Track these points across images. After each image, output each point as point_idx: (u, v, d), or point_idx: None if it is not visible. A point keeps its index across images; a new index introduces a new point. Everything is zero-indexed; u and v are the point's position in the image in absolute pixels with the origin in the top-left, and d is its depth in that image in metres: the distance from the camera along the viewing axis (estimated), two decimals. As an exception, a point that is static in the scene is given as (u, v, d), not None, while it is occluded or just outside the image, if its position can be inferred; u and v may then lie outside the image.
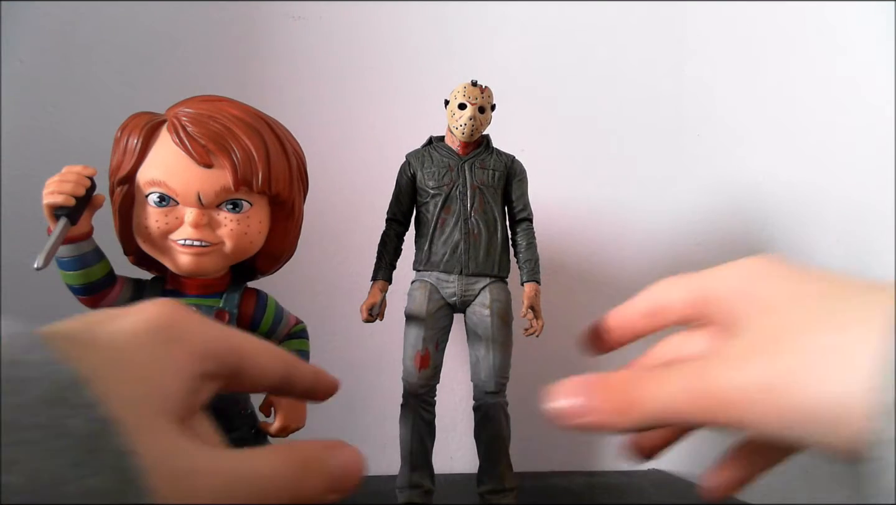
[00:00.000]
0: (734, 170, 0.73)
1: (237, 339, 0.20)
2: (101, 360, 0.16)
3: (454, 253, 0.48)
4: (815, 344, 0.16)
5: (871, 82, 0.74)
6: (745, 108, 0.74)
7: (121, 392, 0.16)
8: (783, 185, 0.73)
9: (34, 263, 0.34)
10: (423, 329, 0.48)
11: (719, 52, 0.74)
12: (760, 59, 0.74)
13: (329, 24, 0.68)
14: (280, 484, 0.18)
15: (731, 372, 0.17)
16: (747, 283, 0.20)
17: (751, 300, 0.19)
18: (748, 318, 0.19)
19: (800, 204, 0.73)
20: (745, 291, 0.20)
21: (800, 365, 0.16)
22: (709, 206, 0.72)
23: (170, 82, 0.64)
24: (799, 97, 0.74)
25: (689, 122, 0.73)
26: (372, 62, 0.69)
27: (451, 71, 0.66)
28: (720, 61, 0.74)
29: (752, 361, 0.17)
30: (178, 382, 0.18)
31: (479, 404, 0.49)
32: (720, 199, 0.73)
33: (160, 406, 0.16)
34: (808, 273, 0.19)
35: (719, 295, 0.21)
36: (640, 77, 0.73)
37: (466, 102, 0.47)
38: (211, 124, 0.39)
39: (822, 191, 0.74)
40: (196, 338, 0.19)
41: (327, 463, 0.19)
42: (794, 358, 0.16)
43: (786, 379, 0.16)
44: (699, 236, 0.72)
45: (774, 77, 0.74)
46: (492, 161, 0.50)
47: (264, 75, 0.67)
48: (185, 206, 0.39)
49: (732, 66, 0.74)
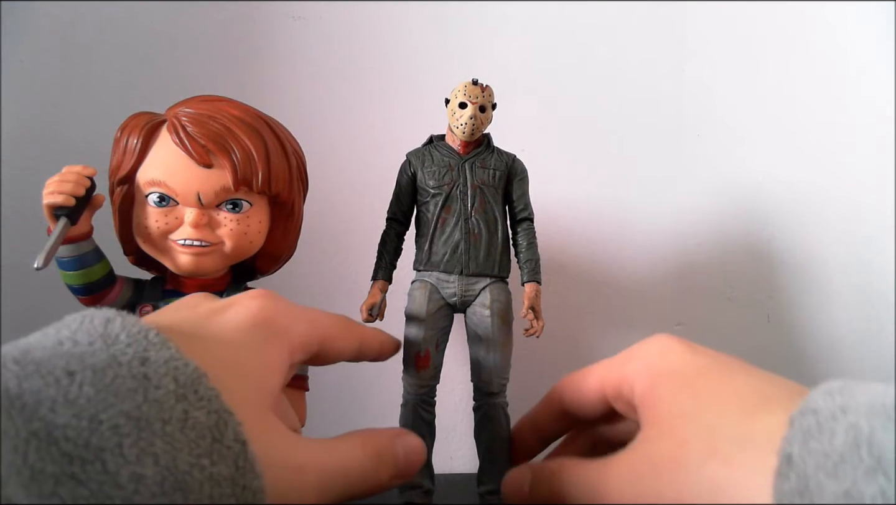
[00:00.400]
0: (734, 170, 0.73)
1: (322, 326, 0.21)
2: (214, 355, 0.17)
3: (454, 253, 0.48)
4: (707, 474, 0.17)
5: (872, 82, 0.75)
6: (745, 108, 0.74)
7: (233, 386, 0.16)
8: (783, 184, 0.73)
9: (34, 263, 0.34)
10: (422, 329, 0.48)
11: (719, 52, 0.74)
12: (761, 59, 0.74)
13: (329, 24, 0.68)
14: (362, 474, 0.19)
15: (628, 486, 0.18)
16: (652, 387, 0.20)
17: (654, 406, 0.20)
18: (650, 424, 0.19)
19: (800, 204, 0.73)
20: (649, 394, 0.20)
21: (692, 493, 0.17)
22: (709, 206, 0.72)
23: (170, 82, 0.64)
24: (799, 97, 0.74)
25: (690, 122, 0.73)
26: (372, 62, 0.69)
27: (452, 71, 0.66)
28: (720, 61, 0.74)
29: (649, 480, 0.18)
30: (278, 375, 0.19)
31: (479, 405, 0.49)
32: (720, 199, 0.73)
33: (266, 400, 0.17)
34: (703, 376, 0.20)
35: (622, 395, 0.22)
36: (641, 77, 0.73)
37: (467, 101, 0.47)
38: (211, 124, 0.39)
39: (823, 191, 0.74)
40: (291, 332, 0.20)
41: (396, 452, 0.20)
42: (686, 486, 0.17)
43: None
44: (699, 236, 0.72)
45: (775, 77, 0.74)
46: (493, 160, 0.50)
47: (264, 75, 0.67)
48: (184, 206, 0.39)
49: (733, 65, 0.74)
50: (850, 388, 0.16)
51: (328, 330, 0.22)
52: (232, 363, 0.17)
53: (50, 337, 0.15)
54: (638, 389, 0.20)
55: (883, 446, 0.13)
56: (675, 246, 0.72)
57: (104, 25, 0.64)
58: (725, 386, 0.18)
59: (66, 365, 0.14)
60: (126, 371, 0.14)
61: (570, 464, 0.20)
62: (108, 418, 0.13)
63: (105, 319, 0.16)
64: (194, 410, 0.14)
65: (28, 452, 0.12)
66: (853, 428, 0.14)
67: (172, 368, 0.15)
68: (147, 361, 0.15)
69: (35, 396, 0.13)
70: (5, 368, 0.13)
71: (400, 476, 0.20)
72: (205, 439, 0.14)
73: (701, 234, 0.72)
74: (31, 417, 0.13)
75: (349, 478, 0.18)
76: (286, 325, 0.20)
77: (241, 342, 0.18)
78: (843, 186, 0.74)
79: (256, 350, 0.18)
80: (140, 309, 0.41)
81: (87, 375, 0.14)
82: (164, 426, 0.14)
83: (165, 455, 0.13)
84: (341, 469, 0.18)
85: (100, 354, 0.14)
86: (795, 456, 0.15)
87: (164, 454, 0.13)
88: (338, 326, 0.23)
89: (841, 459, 0.14)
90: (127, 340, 0.15)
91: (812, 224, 0.73)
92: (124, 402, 0.14)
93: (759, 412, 0.17)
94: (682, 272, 0.71)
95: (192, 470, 0.14)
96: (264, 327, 0.19)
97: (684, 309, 0.71)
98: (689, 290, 0.71)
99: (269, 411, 0.17)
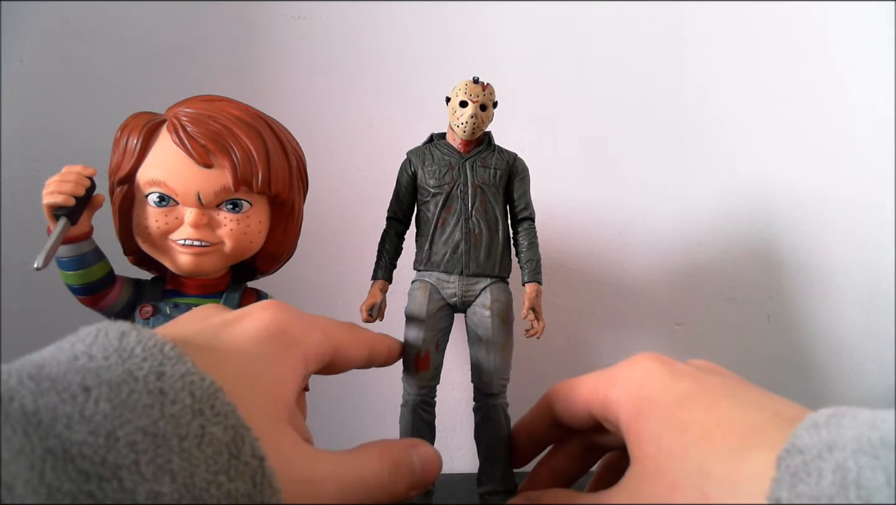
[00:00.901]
0: (735, 169, 0.73)
1: (335, 337, 0.21)
2: (229, 369, 0.17)
3: (455, 253, 0.48)
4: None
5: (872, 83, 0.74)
6: (745, 108, 0.74)
7: (248, 400, 0.16)
8: (784, 184, 0.73)
9: (34, 263, 0.34)
10: (422, 330, 0.48)
11: (720, 52, 0.74)
12: (761, 59, 0.74)
13: (329, 24, 0.68)
14: (379, 485, 0.19)
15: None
16: (638, 416, 0.20)
17: (641, 436, 0.20)
18: (640, 461, 0.19)
19: (800, 203, 0.73)
20: (636, 424, 0.20)
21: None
22: (709, 206, 0.72)
23: (170, 82, 0.64)
24: (799, 97, 0.74)
25: (690, 122, 0.73)
26: (372, 62, 0.69)
27: (452, 71, 0.65)
28: (721, 60, 0.74)
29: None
30: (293, 386, 0.19)
31: (479, 406, 0.49)
32: (721, 198, 0.73)
33: (282, 413, 0.17)
34: (690, 404, 0.19)
35: (608, 418, 0.22)
36: (641, 77, 0.73)
37: (468, 100, 0.47)
38: (211, 124, 0.39)
39: (823, 190, 0.74)
40: (305, 342, 0.20)
41: (413, 462, 0.20)
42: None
43: None
44: (699, 236, 0.72)
45: (775, 77, 0.74)
46: (493, 159, 0.50)
47: (264, 75, 0.67)
48: (184, 206, 0.39)
49: (733, 65, 0.74)
50: (837, 419, 0.16)
51: (340, 339, 0.22)
52: (247, 376, 0.17)
53: (65, 351, 0.15)
54: (623, 418, 0.20)
55: (871, 488, 0.13)
56: (676, 246, 0.72)
57: (104, 25, 0.64)
58: (711, 418, 0.18)
59: (81, 381, 0.14)
60: (142, 386, 0.14)
61: (564, 497, 0.20)
62: (124, 435, 0.13)
63: (120, 332, 0.16)
64: (211, 426, 0.14)
65: (45, 469, 0.12)
66: (840, 469, 0.14)
67: (189, 383, 0.15)
68: (163, 376, 0.14)
69: (51, 413, 0.13)
70: (21, 385, 0.13)
71: (417, 487, 0.20)
72: (222, 456, 0.14)
73: (701, 234, 0.72)
74: (48, 434, 0.13)
75: (367, 490, 0.18)
76: (299, 336, 0.20)
77: (256, 354, 0.18)
78: (843, 186, 0.74)
79: (271, 362, 0.18)
80: (140, 309, 0.41)
81: (103, 391, 0.14)
82: (181, 442, 0.14)
83: (183, 472, 0.13)
84: (359, 481, 0.18)
85: (115, 368, 0.14)
86: (784, 500, 0.15)
87: (182, 471, 0.13)
88: (349, 335, 0.23)
89: (830, 501, 0.14)
90: (142, 354, 0.15)
91: (812, 224, 0.73)
92: (141, 418, 0.13)
93: (746, 448, 0.17)
94: (682, 272, 0.71)
95: (210, 487, 0.14)
96: (278, 339, 0.19)
97: (684, 309, 0.71)
98: (690, 290, 0.71)
99: (285, 424, 0.17)
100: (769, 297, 0.72)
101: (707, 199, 0.72)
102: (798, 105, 0.74)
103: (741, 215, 0.73)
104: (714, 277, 0.72)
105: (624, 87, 0.72)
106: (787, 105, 0.74)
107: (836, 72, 0.75)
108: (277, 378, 0.18)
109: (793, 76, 0.74)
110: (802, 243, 0.73)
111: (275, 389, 0.18)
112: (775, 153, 0.73)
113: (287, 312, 0.20)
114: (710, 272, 0.72)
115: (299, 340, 0.20)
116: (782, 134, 0.74)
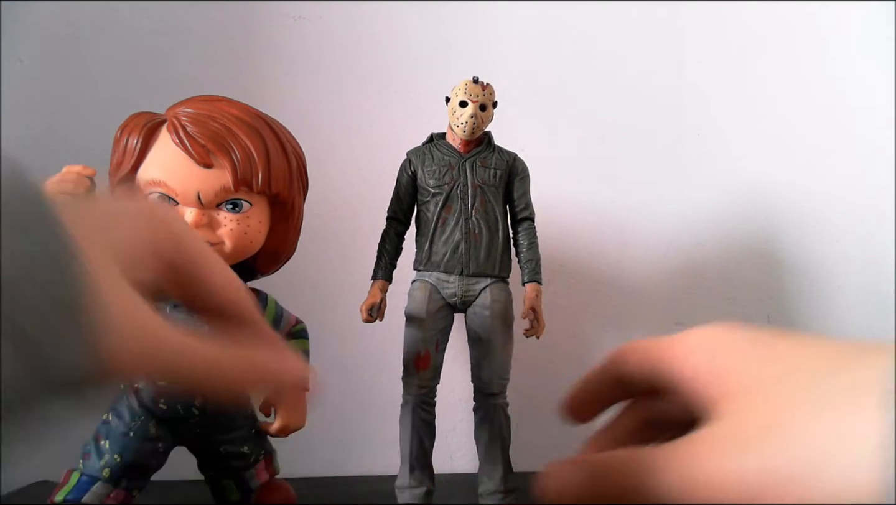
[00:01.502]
0: (735, 169, 0.73)
1: (199, 250, 0.19)
2: (79, 213, 0.16)
3: (455, 253, 0.48)
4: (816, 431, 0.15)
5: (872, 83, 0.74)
6: (745, 108, 0.74)
7: (93, 238, 0.15)
8: (784, 184, 0.73)
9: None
10: (423, 330, 0.48)
11: (720, 53, 0.74)
12: (761, 60, 0.74)
13: (329, 24, 0.68)
14: (219, 374, 0.17)
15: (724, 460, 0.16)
16: (714, 359, 0.19)
17: (723, 380, 0.18)
18: (726, 399, 0.18)
19: (800, 203, 0.73)
20: (713, 369, 0.19)
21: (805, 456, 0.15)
22: (709, 206, 0.72)
23: (170, 82, 0.64)
24: (799, 97, 0.74)
25: (690, 122, 0.73)
26: (372, 62, 0.69)
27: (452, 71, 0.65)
28: (721, 62, 0.74)
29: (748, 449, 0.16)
30: (141, 249, 0.17)
31: (479, 405, 0.49)
32: (721, 198, 0.73)
33: (123, 261, 0.16)
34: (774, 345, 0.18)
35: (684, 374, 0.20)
36: (641, 77, 0.73)
37: (467, 100, 0.47)
38: (211, 124, 0.39)
39: (823, 190, 0.74)
40: (168, 227, 0.18)
41: (270, 371, 0.19)
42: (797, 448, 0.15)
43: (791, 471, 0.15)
44: (699, 236, 0.72)
45: (775, 77, 0.74)
46: (493, 159, 0.50)
47: (264, 75, 0.67)
48: (184, 206, 0.39)
49: (733, 66, 0.74)
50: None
51: (204, 259, 0.20)
52: (102, 222, 0.16)
53: None
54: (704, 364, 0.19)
55: None
56: (675, 246, 0.72)
57: (104, 25, 0.64)
58: (806, 348, 0.17)
59: None
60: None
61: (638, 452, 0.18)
62: None
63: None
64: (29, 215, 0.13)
65: None
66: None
67: (29, 193, 0.13)
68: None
69: None
70: None
71: (270, 389, 0.19)
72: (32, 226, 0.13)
73: (701, 234, 0.72)
74: None
75: (204, 367, 0.17)
76: (165, 219, 0.18)
77: (112, 210, 0.17)
78: (843, 186, 0.74)
79: (124, 223, 0.17)
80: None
81: None
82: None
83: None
84: (198, 354, 0.17)
85: None
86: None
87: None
88: (221, 270, 0.20)
89: None
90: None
91: (812, 224, 0.73)
92: None
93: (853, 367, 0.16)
94: (682, 272, 0.71)
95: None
96: (144, 214, 0.18)
97: (684, 309, 0.71)
98: (690, 289, 0.71)
99: (118, 269, 0.16)
100: (769, 296, 0.72)
101: (707, 199, 0.72)
102: (798, 105, 0.74)
103: (741, 215, 0.73)
104: (714, 277, 0.72)
105: (624, 88, 0.72)
106: (786, 105, 0.74)
107: (836, 72, 0.75)
108: (128, 236, 0.17)
109: (792, 76, 0.74)
110: (802, 243, 0.73)
111: (123, 241, 0.17)
112: (775, 153, 0.73)
113: (168, 210, 0.19)
114: (710, 272, 0.72)
115: (164, 222, 0.18)
116: (782, 134, 0.74)
